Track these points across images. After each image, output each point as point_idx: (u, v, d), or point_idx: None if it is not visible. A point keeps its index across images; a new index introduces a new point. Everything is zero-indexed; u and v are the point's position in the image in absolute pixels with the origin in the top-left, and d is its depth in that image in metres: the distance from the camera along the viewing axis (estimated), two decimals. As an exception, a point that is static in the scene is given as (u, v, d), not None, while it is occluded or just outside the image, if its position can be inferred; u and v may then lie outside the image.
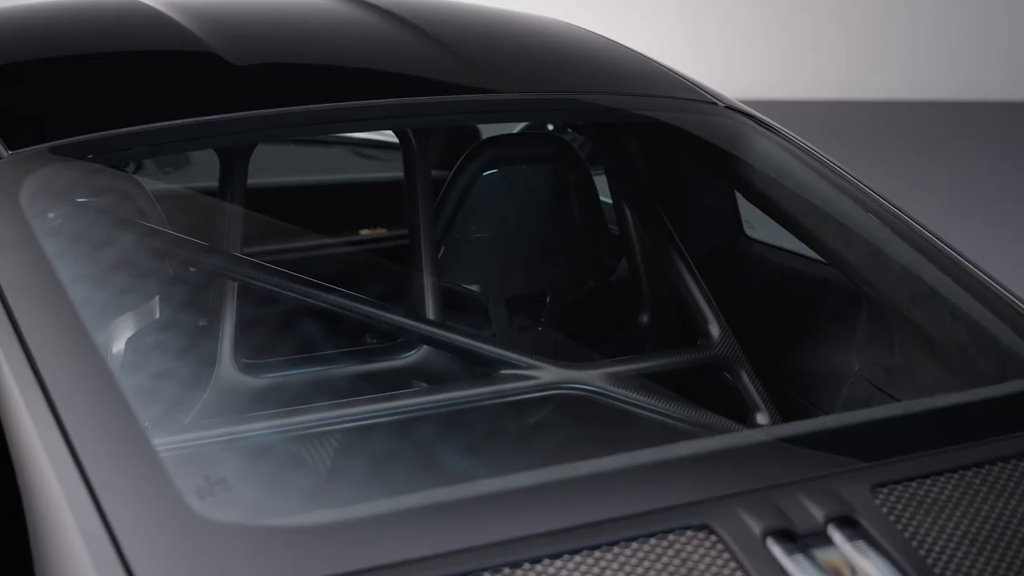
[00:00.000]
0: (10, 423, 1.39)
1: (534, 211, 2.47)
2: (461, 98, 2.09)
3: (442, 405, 2.00)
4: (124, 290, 2.13)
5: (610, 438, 2.04)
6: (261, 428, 1.90)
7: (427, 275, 2.28)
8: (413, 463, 1.92)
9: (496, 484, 1.40)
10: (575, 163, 2.50)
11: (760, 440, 1.65)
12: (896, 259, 2.02)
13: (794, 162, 2.18)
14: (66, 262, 1.75)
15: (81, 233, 1.97)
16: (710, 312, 2.28)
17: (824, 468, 1.48)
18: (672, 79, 2.29)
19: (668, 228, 2.39)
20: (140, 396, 2.12)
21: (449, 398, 2.01)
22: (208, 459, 1.77)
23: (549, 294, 2.53)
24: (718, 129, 2.24)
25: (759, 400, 2.19)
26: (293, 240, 3.30)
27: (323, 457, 2.09)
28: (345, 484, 1.92)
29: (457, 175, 2.44)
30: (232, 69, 2.06)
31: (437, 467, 1.93)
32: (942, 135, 9.09)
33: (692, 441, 1.60)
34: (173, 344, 2.20)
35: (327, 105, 1.99)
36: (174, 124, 1.90)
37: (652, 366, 2.18)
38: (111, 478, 1.29)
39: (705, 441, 1.67)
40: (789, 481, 1.42)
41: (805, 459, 1.53)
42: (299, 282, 2.07)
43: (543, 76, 2.24)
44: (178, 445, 1.79)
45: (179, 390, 2.17)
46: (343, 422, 1.95)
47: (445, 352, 2.22)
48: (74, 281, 1.68)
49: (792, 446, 1.57)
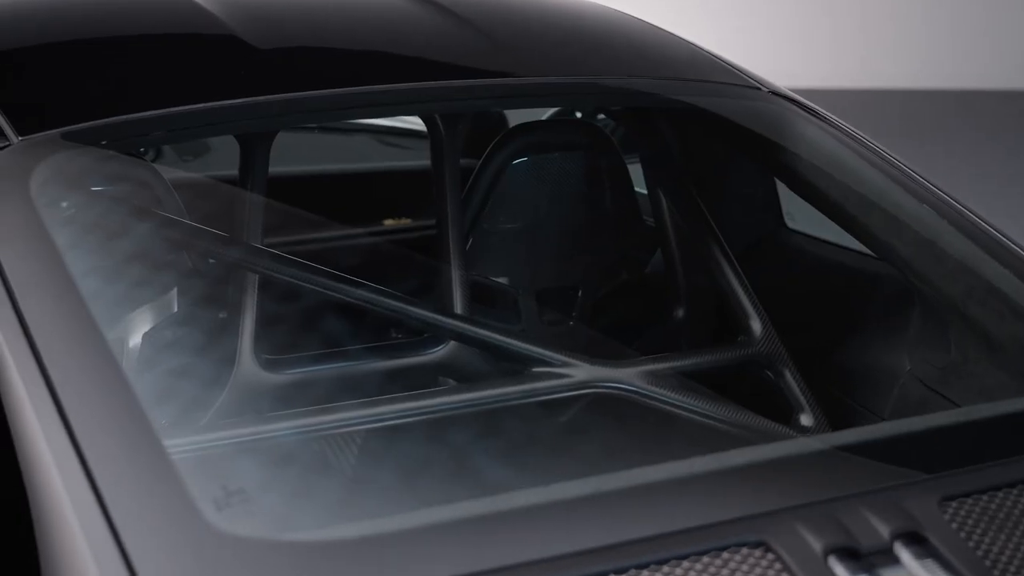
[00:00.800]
0: (15, 424, 1.30)
1: (565, 201, 2.39)
2: (491, 82, 2.00)
3: (471, 404, 1.91)
4: (140, 283, 2.05)
5: (650, 442, 1.95)
6: (282, 429, 1.81)
7: (455, 267, 2.20)
8: (443, 468, 1.83)
9: (535, 496, 1.30)
10: (608, 150, 2.42)
11: (818, 448, 1.55)
12: (952, 252, 1.91)
13: (842, 149, 2.08)
14: (78, 253, 1.67)
15: (95, 223, 1.88)
16: (751, 307, 2.19)
17: (888, 479, 1.38)
18: (713, 63, 2.19)
19: (706, 218, 2.29)
20: (156, 393, 2.05)
21: (479, 397, 1.93)
22: (226, 463, 1.68)
23: (581, 287, 2.45)
24: (761, 115, 2.14)
25: (803, 400, 2.09)
26: (315, 231, 3.24)
27: (348, 462, 2.00)
28: (372, 493, 1.82)
29: (486, 163, 2.35)
30: (252, 52, 1.97)
31: (469, 472, 1.83)
32: (958, 125, 8.96)
33: (745, 449, 1.49)
34: (191, 339, 2.12)
35: (351, 89, 1.89)
36: (192, 109, 1.81)
37: (690, 364, 2.09)
38: (122, 487, 1.20)
39: (759, 449, 1.56)
40: (851, 494, 1.33)
41: (867, 469, 1.43)
42: (322, 275, 1.98)
43: (577, 59, 2.14)
44: (195, 446, 1.71)
45: (197, 387, 2.08)
46: (368, 422, 1.87)
47: (474, 348, 2.13)
48: (86, 273, 1.60)
49: (852, 455, 1.47)
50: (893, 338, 2.13)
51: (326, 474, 1.80)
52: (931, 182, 1.99)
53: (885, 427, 1.76)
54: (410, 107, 2.12)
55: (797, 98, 2.16)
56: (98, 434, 1.24)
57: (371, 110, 2.05)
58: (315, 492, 1.69)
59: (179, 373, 2.10)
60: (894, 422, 1.89)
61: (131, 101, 1.83)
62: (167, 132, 1.88)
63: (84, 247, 1.79)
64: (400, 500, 1.57)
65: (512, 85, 2.01)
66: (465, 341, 2.10)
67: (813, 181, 2.11)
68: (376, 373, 2.17)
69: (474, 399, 1.92)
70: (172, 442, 1.71)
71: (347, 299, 1.99)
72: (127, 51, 2.01)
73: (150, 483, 1.21)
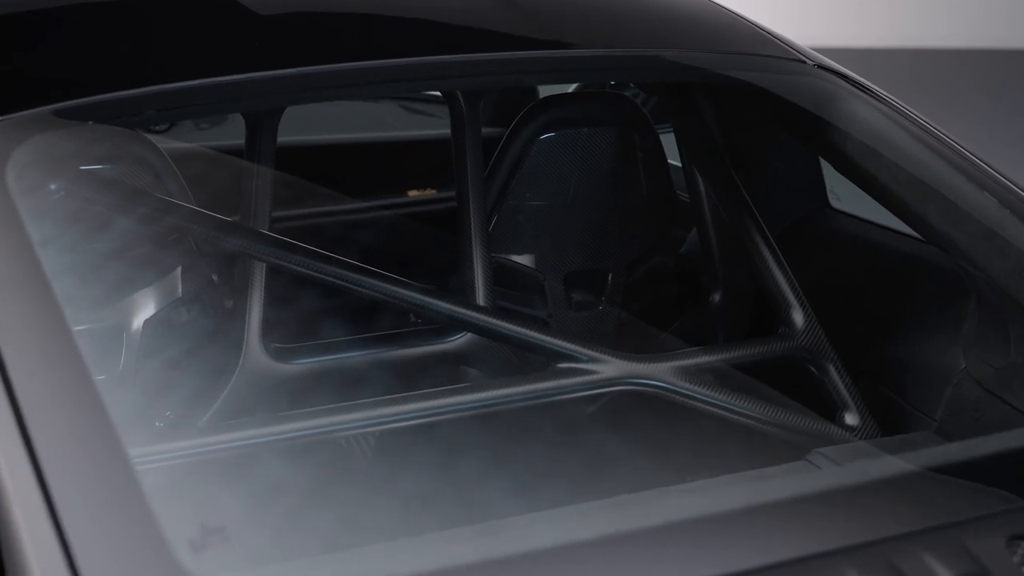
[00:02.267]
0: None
1: (596, 178, 2.26)
2: (518, 55, 1.85)
3: (490, 404, 1.78)
4: (137, 268, 1.93)
5: (685, 444, 1.83)
6: (286, 432, 1.68)
7: (476, 253, 2.07)
8: (460, 482, 1.70)
9: (598, 527, 1.17)
10: (642, 124, 2.29)
11: (890, 474, 1.40)
12: (1015, 242, 1.76)
13: (893, 129, 1.94)
14: (59, 243, 1.55)
15: (83, 207, 1.75)
16: (792, 296, 2.04)
17: (954, 514, 1.23)
18: (756, 34, 2.04)
19: (744, 198, 2.15)
20: (156, 385, 1.94)
21: (499, 396, 1.80)
22: (212, 484, 1.55)
23: (611, 270, 2.32)
24: (806, 90, 2.00)
25: (848, 398, 1.95)
26: (337, 202, 3.12)
27: (349, 479, 1.87)
28: (378, 521, 1.69)
29: (512, 138, 2.23)
30: (257, 22, 1.83)
31: (482, 494, 1.70)
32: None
33: (795, 476, 1.36)
34: (194, 328, 2.00)
35: (363, 64, 1.75)
36: (192, 85, 1.67)
37: (727, 358, 1.95)
38: (88, 525, 1.06)
39: (815, 478, 1.42)
40: (904, 533, 1.18)
41: (932, 502, 1.28)
42: (333, 263, 1.86)
43: (610, 30, 1.99)
44: (186, 452, 1.58)
45: (201, 378, 1.96)
46: (378, 424, 1.74)
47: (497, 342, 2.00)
48: (68, 266, 1.48)
49: (913, 484, 1.32)
50: (946, 333, 1.98)
51: (323, 499, 1.66)
52: (994, 167, 1.83)
53: (952, 449, 1.61)
54: (427, 83, 1.98)
55: (846, 72, 2.01)
56: (63, 462, 1.11)
57: (383, 87, 1.91)
58: (307, 526, 1.55)
59: (181, 363, 1.98)
60: (964, 443, 1.72)
61: (125, 77, 1.69)
62: (164, 110, 1.74)
63: (67, 236, 1.67)
64: (415, 526, 1.44)
65: (540, 59, 1.87)
66: (487, 335, 1.97)
67: (861, 162, 1.96)
68: (392, 362, 2.05)
69: (494, 398, 1.79)
70: (162, 448, 1.60)
71: (360, 290, 1.87)
72: (121, 21, 1.87)
73: (119, 521, 1.07)
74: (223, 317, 2.03)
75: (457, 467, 1.78)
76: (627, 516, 1.32)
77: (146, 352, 1.96)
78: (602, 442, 1.91)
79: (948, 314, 1.99)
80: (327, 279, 1.87)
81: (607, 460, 1.85)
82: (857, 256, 2.34)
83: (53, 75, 1.71)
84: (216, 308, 2.04)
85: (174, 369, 1.98)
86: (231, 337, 1.98)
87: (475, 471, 1.78)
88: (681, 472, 1.74)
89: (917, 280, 2.14)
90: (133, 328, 1.96)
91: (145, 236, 1.93)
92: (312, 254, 1.88)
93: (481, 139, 2.11)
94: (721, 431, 1.89)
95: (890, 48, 9.65)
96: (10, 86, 1.66)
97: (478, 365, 2.11)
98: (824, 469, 1.58)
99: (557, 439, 1.86)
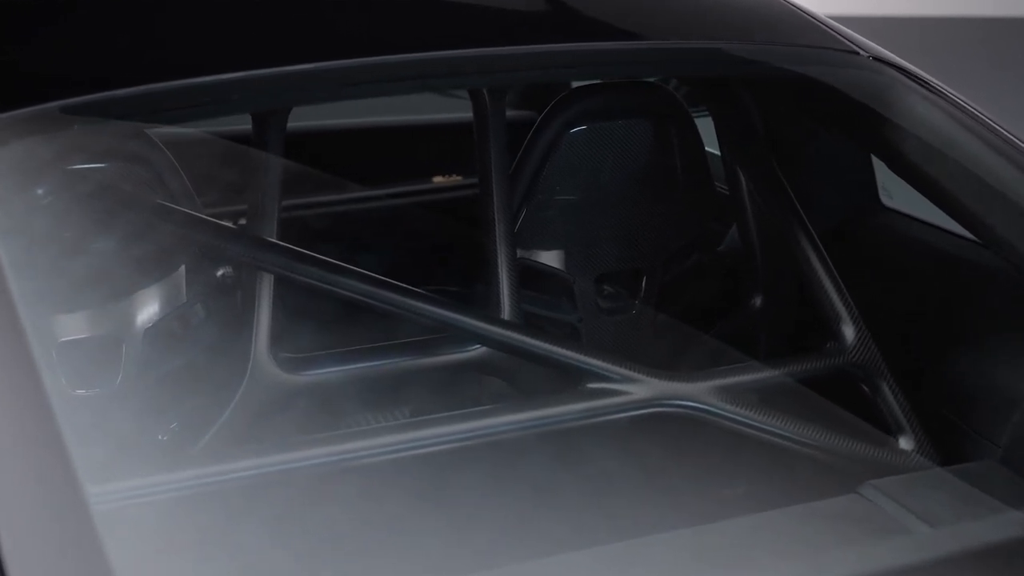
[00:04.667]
0: None
1: (630, 172, 2.13)
2: (547, 49, 1.71)
3: (515, 428, 1.66)
4: (133, 273, 1.81)
5: (729, 470, 1.72)
6: (291, 461, 1.56)
7: (502, 257, 1.94)
8: (497, 515, 1.59)
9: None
10: (679, 116, 2.16)
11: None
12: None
13: (955, 126, 1.81)
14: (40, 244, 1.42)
15: (73, 210, 1.63)
16: (842, 306, 1.91)
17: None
18: (806, 22, 1.90)
19: (789, 194, 2.05)
20: (156, 400, 1.82)
21: (524, 420, 1.68)
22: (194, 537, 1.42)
23: (646, 270, 2.18)
24: (859, 84, 1.87)
25: (903, 420, 1.82)
26: (356, 188, 3.02)
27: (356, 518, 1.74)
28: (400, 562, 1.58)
29: (540, 130, 2.10)
30: (256, 10, 1.69)
31: (523, 518, 1.59)
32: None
33: (846, 513, 1.24)
34: (198, 336, 1.89)
35: (376, 59, 1.61)
36: (190, 84, 1.54)
37: (771, 376, 1.83)
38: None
39: (867, 515, 1.30)
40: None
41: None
42: (346, 274, 1.75)
43: (647, 22, 1.85)
44: (177, 487, 1.46)
45: (204, 391, 1.84)
46: (393, 451, 1.62)
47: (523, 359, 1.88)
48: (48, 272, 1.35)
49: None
50: (1012, 351, 1.84)
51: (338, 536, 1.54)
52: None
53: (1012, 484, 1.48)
54: (447, 80, 1.84)
55: (904, 65, 1.87)
56: (15, 525, 0.97)
57: (397, 85, 1.76)
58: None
59: (183, 374, 1.86)
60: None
61: (114, 76, 1.55)
62: (173, 110, 1.60)
63: (54, 237, 1.55)
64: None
65: (572, 52, 1.73)
66: (513, 352, 1.85)
67: (919, 163, 1.83)
68: (411, 373, 1.93)
69: (519, 422, 1.67)
70: (149, 481, 1.48)
71: (375, 303, 1.78)
72: (114, 16, 1.73)
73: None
74: (229, 324, 1.91)
75: (493, 497, 1.67)
76: (670, 557, 1.25)
77: (147, 363, 1.85)
78: (635, 469, 1.78)
79: (1014, 329, 1.86)
80: (339, 292, 1.76)
81: (639, 490, 1.73)
82: (912, 261, 2.20)
83: (52, 72, 1.58)
84: (221, 315, 1.92)
85: (176, 381, 1.86)
86: (237, 346, 1.87)
87: (512, 501, 1.68)
88: (723, 504, 1.63)
89: (981, 289, 2.00)
90: (132, 337, 1.85)
91: (143, 240, 1.81)
92: (323, 265, 1.77)
93: (506, 137, 1.97)
94: (765, 455, 1.76)
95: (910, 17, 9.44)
96: (10, 82, 1.53)
97: (501, 375, 1.99)
98: (876, 505, 1.47)
99: (587, 465, 1.73)
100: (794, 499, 1.53)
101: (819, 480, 1.71)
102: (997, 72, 7.32)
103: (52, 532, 1.00)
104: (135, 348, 1.84)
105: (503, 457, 1.68)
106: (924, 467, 1.76)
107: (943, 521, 1.43)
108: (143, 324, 1.85)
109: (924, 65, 1.91)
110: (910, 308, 2.09)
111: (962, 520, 1.42)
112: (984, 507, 1.47)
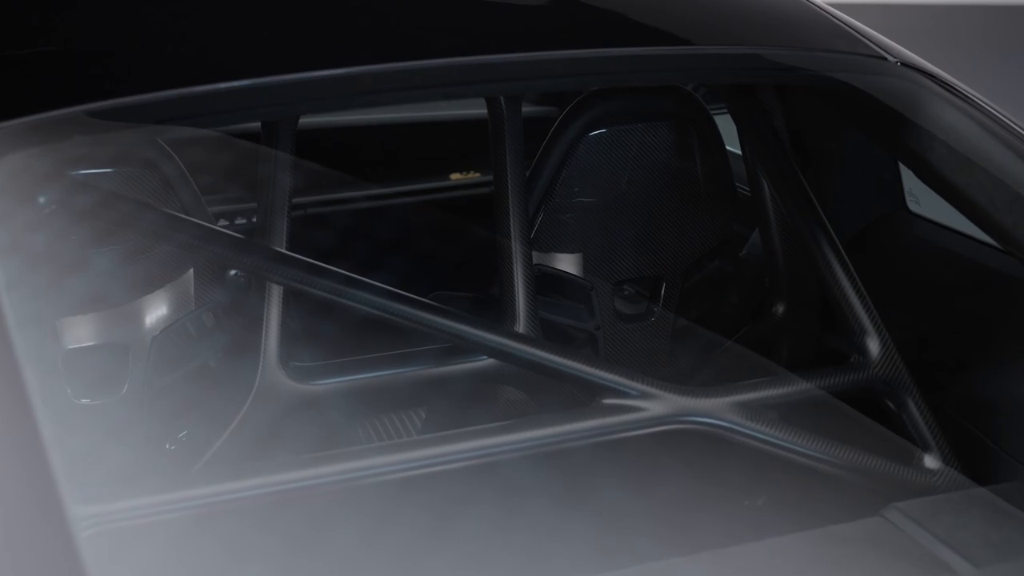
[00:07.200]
0: None
1: (650, 176, 2.09)
2: (570, 55, 1.66)
3: (529, 446, 1.62)
4: (141, 280, 1.77)
5: (750, 489, 1.66)
6: (296, 480, 1.51)
7: (518, 268, 1.90)
8: (522, 536, 1.55)
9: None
10: (700, 119, 2.11)
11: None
12: None
13: (986, 135, 1.75)
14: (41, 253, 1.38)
15: (78, 217, 1.59)
16: (867, 318, 1.85)
17: None
18: (834, 27, 1.84)
19: (812, 201, 1.99)
20: (162, 410, 1.78)
21: (538, 437, 1.63)
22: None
23: (665, 277, 2.13)
24: (887, 90, 1.81)
25: (929, 437, 1.77)
26: (373, 185, 2.97)
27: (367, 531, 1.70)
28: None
29: (559, 133, 2.05)
30: (271, 17, 1.64)
31: (549, 537, 1.55)
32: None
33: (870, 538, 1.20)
34: (206, 344, 1.85)
35: (390, 66, 1.56)
36: (193, 92, 1.49)
37: (793, 392, 1.77)
38: None
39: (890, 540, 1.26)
40: None
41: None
42: (357, 286, 1.71)
43: (672, 26, 1.80)
44: (176, 506, 1.42)
45: (212, 401, 1.80)
46: (402, 469, 1.57)
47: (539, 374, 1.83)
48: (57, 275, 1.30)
49: None
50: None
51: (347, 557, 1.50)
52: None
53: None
54: (463, 88, 1.78)
55: (933, 71, 1.81)
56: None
57: (410, 93, 1.71)
58: None
59: (191, 383, 1.83)
60: None
61: (115, 84, 1.50)
62: (185, 117, 1.55)
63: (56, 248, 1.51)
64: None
65: (588, 59, 1.67)
66: (528, 367, 1.80)
67: (948, 172, 1.77)
68: (423, 382, 1.88)
69: (534, 439, 1.63)
70: (147, 501, 1.44)
71: (388, 316, 1.73)
72: (121, 20, 1.68)
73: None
74: (237, 333, 1.87)
75: (507, 517, 1.62)
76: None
77: (154, 371, 1.81)
78: (651, 488, 1.73)
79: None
80: (351, 304, 1.72)
81: (656, 510, 1.68)
82: (940, 270, 2.14)
83: (67, 78, 1.53)
84: (230, 323, 1.88)
85: (184, 389, 1.83)
86: (246, 355, 1.83)
87: (526, 521, 1.64)
88: (742, 524, 1.58)
89: (1011, 300, 1.94)
90: (139, 345, 1.81)
91: (152, 247, 1.77)
92: (333, 276, 1.72)
93: (523, 143, 1.92)
94: (784, 473, 1.71)
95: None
96: (25, 88, 1.49)
97: (515, 384, 1.95)
98: (901, 529, 1.43)
99: (603, 484, 1.69)
100: (815, 520, 1.48)
101: (841, 500, 1.66)
102: (1002, 62, 7.22)
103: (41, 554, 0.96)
104: (142, 356, 1.81)
105: (518, 475, 1.64)
106: (950, 487, 1.70)
107: (969, 548, 1.38)
108: (150, 332, 1.82)
109: (927, 54, 1.86)
110: (936, 318, 2.03)
111: (995, 552, 1.37)
112: (1015, 533, 1.42)
